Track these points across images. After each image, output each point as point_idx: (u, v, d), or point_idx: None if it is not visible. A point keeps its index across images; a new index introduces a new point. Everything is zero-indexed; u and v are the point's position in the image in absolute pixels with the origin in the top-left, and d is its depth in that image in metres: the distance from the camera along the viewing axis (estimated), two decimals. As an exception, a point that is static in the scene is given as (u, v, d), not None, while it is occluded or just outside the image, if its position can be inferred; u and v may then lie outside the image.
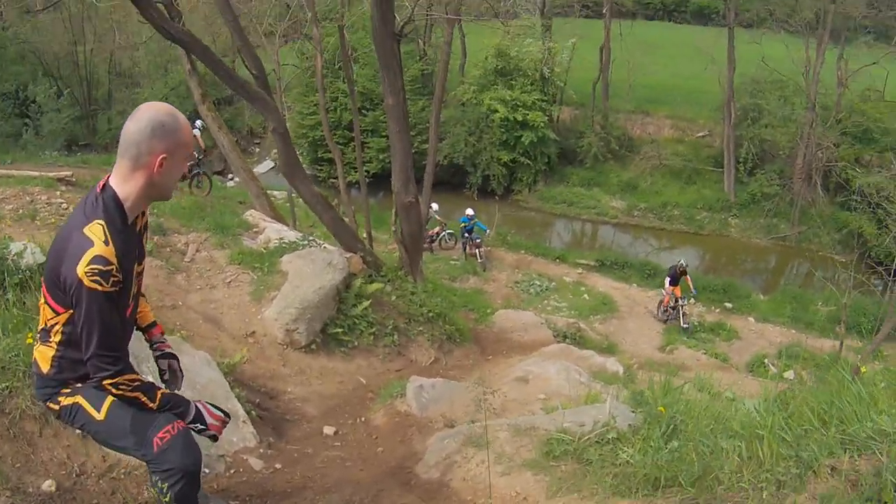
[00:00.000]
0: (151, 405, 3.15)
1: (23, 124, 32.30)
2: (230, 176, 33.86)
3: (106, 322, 2.90)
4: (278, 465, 5.42)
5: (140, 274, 3.25)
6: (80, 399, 3.14)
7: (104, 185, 2.97)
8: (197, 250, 9.24)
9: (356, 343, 8.89)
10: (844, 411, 4.53)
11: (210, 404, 3.45)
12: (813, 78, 30.95)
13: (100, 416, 3.11)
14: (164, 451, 3.09)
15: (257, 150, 39.31)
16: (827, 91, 32.73)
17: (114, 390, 3.04)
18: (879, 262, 22.83)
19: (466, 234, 24.74)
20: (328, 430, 6.54)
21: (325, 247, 10.21)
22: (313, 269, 8.88)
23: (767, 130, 33.09)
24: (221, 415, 3.46)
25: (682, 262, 21.80)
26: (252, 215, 11.66)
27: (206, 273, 8.87)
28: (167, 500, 3.13)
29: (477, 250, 24.33)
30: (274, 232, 10.67)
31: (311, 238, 10.74)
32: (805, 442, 4.40)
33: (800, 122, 32.31)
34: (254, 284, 8.78)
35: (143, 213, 3.19)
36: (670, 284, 21.21)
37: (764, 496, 4.16)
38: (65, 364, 3.13)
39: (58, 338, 3.08)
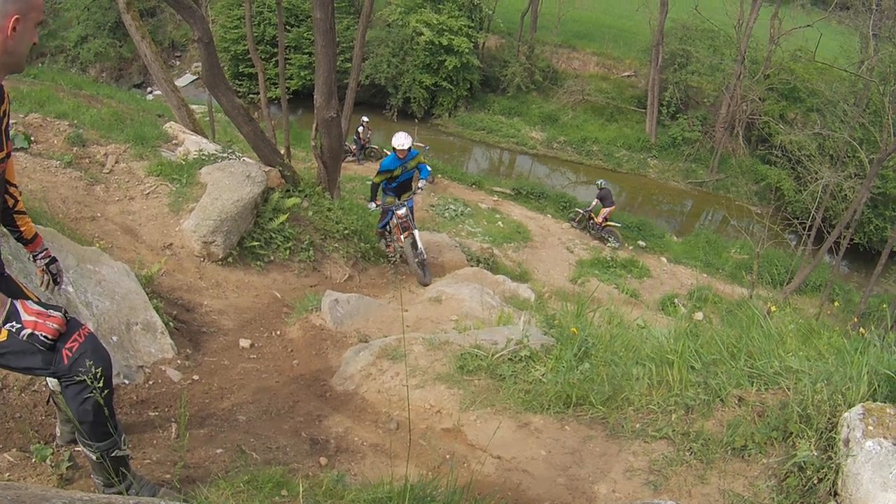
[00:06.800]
0: None
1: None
2: (149, 89, 32.94)
3: None
4: (196, 377, 5.43)
5: None
6: None
7: None
8: (116, 161, 9.00)
9: (272, 257, 8.91)
10: (753, 347, 4.74)
11: (38, 303, 2.88)
12: (745, 32, 31.17)
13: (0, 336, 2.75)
14: (74, 360, 2.84)
15: (178, 63, 38.15)
16: (758, 46, 33.11)
17: None
18: (795, 216, 23.48)
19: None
20: (244, 342, 6.56)
21: (244, 159, 10.05)
22: (232, 181, 8.74)
23: (694, 77, 33.65)
24: (40, 308, 2.82)
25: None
26: (171, 127, 11.33)
27: (125, 184, 8.68)
28: (78, 421, 2.95)
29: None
30: (193, 144, 10.43)
31: (230, 150, 10.55)
32: (714, 371, 4.60)
33: (727, 72, 32.79)
34: (172, 196, 8.64)
35: (4, 99, 2.89)
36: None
37: (673, 419, 4.35)
38: None
39: None
